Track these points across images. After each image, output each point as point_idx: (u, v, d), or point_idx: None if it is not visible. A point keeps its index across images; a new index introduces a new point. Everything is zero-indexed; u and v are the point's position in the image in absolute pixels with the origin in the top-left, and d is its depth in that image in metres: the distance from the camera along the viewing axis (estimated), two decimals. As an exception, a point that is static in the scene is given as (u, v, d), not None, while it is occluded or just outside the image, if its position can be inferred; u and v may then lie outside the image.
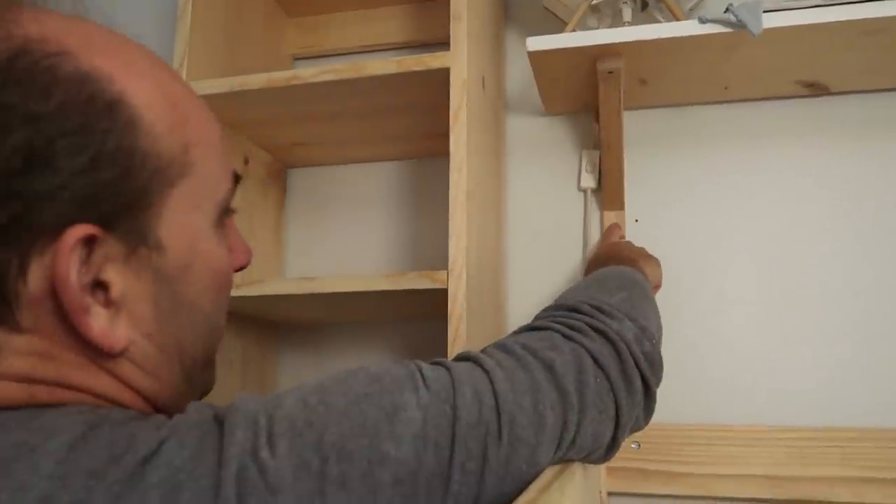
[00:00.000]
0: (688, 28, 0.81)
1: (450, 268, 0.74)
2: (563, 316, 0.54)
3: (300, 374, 1.10)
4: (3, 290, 0.35)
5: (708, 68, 0.90)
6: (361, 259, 1.11)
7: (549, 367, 0.46)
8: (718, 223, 0.99)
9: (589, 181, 1.03)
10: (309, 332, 1.12)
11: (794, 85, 0.96)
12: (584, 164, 1.04)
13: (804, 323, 0.94)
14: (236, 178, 0.48)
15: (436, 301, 0.76)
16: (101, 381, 0.39)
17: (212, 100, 0.86)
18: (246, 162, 1.01)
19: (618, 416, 0.50)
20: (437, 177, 1.10)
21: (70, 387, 0.38)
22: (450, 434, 0.39)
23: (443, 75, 0.78)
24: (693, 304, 0.98)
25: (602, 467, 0.93)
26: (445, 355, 0.72)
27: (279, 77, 0.83)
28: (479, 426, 0.40)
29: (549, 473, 0.48)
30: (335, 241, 1.13)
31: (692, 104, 1.02)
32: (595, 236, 1.03)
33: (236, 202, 0.99)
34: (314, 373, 1.09)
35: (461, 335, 0.72)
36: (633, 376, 0.52)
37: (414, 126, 0.97)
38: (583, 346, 0.50)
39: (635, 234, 1.01)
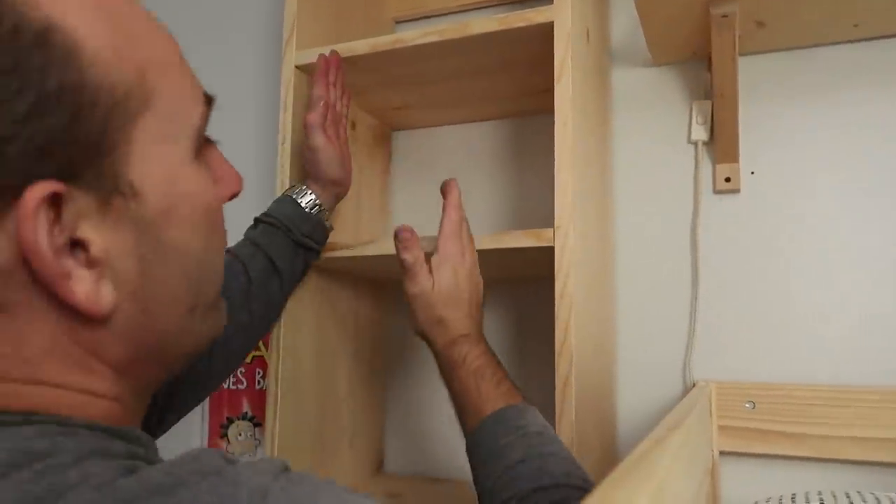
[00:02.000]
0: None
1: (556, 225, 0.74)
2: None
3: (408, 332, 1.14)
4: None
5: (835, 4, 0.84)
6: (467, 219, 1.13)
7: None
8: (843, 175, 0.93)
9: (700, 133, 0.99)
10: (416, 290, 1.15)
11: (935, 18, 0.87)
12: (694, 115, 1.00)
13: (942, 278, 0.88)
14: (208, 100, 0.42)
15: (542, 260, 0.77)
16: (75, 369, 0.36)
17: (320, 67, 0.89)
18: (353, 126, 1.04)
19: None
20: (541, 134, 1.09)
21: (41, 382, 0.35)
22: None
23: (546, 30, 0.77)
24: (816, 262, 0.93)
25: (714, 426, 0.91)
26: (553, 315, 0.72)
27: (383, 41, 0.85)
28: None
29: (659, 430, 0.49)
30: (440, 201, 1.15)
31: (816, 45, 0.95)
32: (707, 191, 0.99)
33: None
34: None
35: (568, 293, 0.72)
36: None
37: (517, 83, 0.96)
38: None
39: (751, 188, 0.97)
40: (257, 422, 1.16)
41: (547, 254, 0.75)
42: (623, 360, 1.00)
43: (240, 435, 1.17)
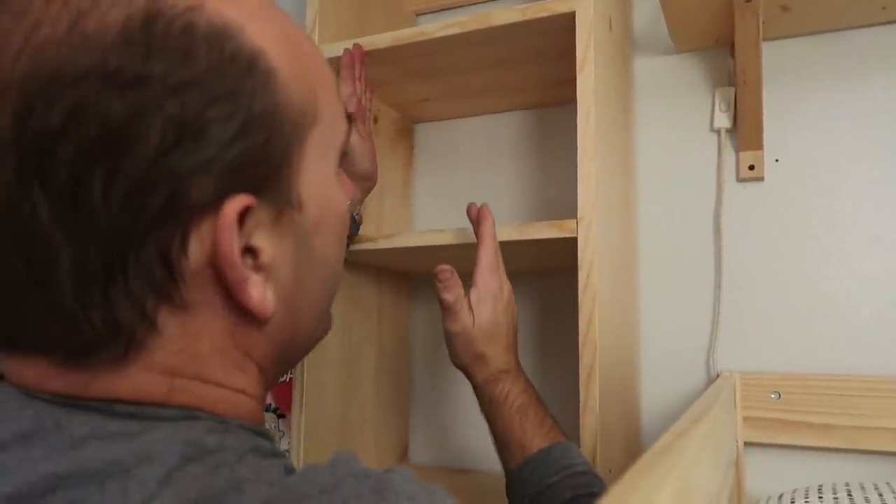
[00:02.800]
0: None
1: (579, 216, 0.74)
2: None
3: (433, 325, 1.15)
4: (169, 266, 0.34)
5: (862, -12, 0.82)
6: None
7: None
8: (869, 162, 0.91)
9: (723, 121, 0.98)
10: (439, 282, 1.16)
11: (967, -1, 0.85)
12: (717, 102, 0.99)
13: (974, 266, 0.86)
14: (350, 118, 0.45)
15: (565, 251, 0.77)
16: (232, 369, 0.38)
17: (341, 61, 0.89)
18: (375, 120, 1.05)
19: None
20: (563, 125, 1.08)
21: (207, 381, 0.37)
22: None
23: (568, 20, 0.77)
24: (842, 249, 0.92)
25: (739, 416, 0.91)
26: (576, 306, 0.72)
27: (405, 34, 0.85)
28: None
29: (683, 421, 0.49)
30: (462, 193, 1.15)
31: (842, 29, 0.94)
32: (730, 179, 0.98)
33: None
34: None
35: (592, 283, 0.72)
36: None
37: (539, 74, 0.96)
38: None
39: (776, 176, 0.95)
40: (281, 413, 1.17)
41: (570, 245, 0.75)
42: (646, 351, 1.00)
43: (266, 425, 1.18)
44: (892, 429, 0.85)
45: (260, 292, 0.37)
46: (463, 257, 0.94)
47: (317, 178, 0.40)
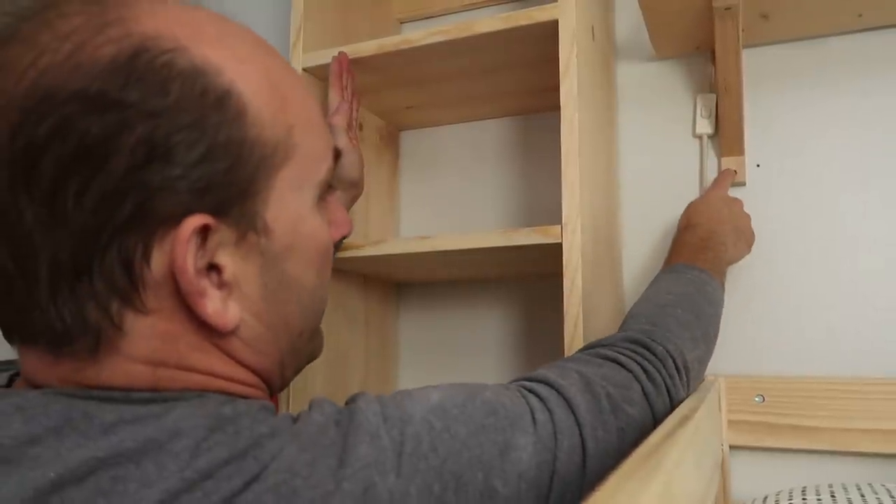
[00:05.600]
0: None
1: (563, 222, 0.75)
2: (647, 361, 0.54)
3: (420, 331, 1.15)
4: (131, 273, 0.37)
5: (839, -5, 0.84)
6: (474, 217, 1.13)
7: (622, 430, 0.48)
8: (850, 166, 0.93)
9: (705, 127, 0.99)
10: (427, 290, 1.16)
11: (941, 7, 0.87)
12: (699, 109, 1.00)
13: (951, 269, 0.87)
14: (337, 155, 0.49)
15: (550, 258, 0.77)
16: (217, 362, 0.42)
17: (326, 69, 0.89)
18: (360, 128, 1.05)
19: None
20: (547, 131, 1.09)
21: (191, 369, 0.40)
22: (548, 482, 0.41)
23: (551, 28, 0.77)
24: (824, 253, 0.93)
25: (723, 420, 0.91)
26: (561, 313, 0.73)
27: (390, 42, 0.85)
28: (570, 483, 0.42)
29: (668, 424, 0.49)
30: (448, 200, 1.16)
31: (820, 37, 0.95)
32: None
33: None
34: (433, 331, 1.14)
35: (577, 289, 0.73)
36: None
37: (523, 81, 0.97)
38: (652, 409, 0.52)
39: (757, 181, 0.97)
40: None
41: (555, 250, 0.76)
42: (632, 355, 1.00)
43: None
44: (875, 430, 0.86)
45: (217, 305, 0.40)
46: (449, 263, 0.95)
47: (288, 208, 0.43)
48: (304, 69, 0.90)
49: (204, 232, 0.39)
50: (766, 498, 0.79)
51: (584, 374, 0.49)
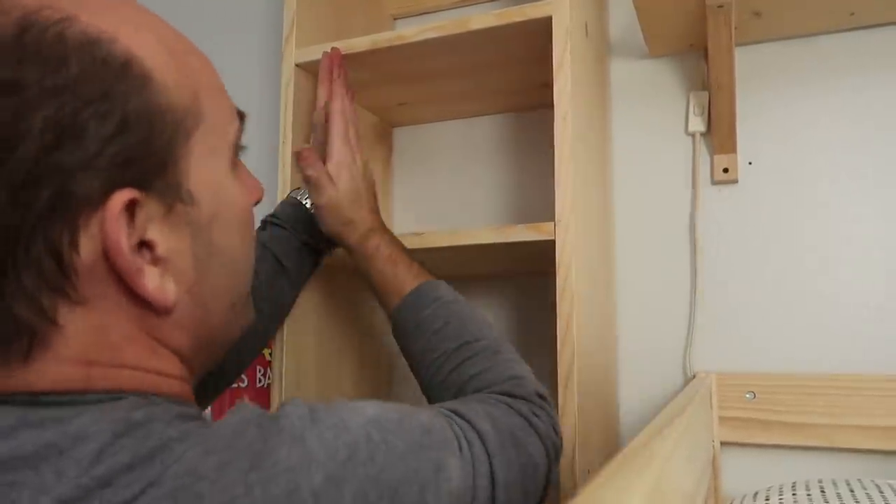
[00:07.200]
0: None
1: (556, 219, 0.75)
2: (532, 403, 0.57)
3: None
4: (60, 263, 0.36)
5: (831, -6, 0.84)
6: (468, 214, 1.13)
7: (524, 466, 0.50)
8: (842, 163, 0.93)
9: (697, 124, 0.99)
10: (418, 285, 1.16)
11: (932, 6, 0.87)
12: (691, 106, 1.00)
13: (941, 266, 0.88)
14: (241, 116, 0.49)
15: (543, 255, 0.77)
16: (149, 355, 0.41)
17: (319, 65, 0.89)
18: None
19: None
20: (541, 128, 1.09)
21: (123, 365, 0.39)
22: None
23: (544, 24, 0.77)
24: (815, 251, 0.93)
25: (715, 416, 0.92)
26: (553, 310, 0.73)
27: (383, 38, 0.85)
28: None
29: (658, 420, 0.49)
30: (442, 197, 1.15)
31: (812, 35, 0.95)
32: (705, 182, 0.99)
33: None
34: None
35: (570, 286, 0.73)
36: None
37: (517, 78, 0.97)
38: (546, 449, 0.54)
39: (749, 178, 0.97)
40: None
41: (548, 247, 0.76)
42: (624, 353, 1.01)
43: (245, 431, 1.17)
44: (865, 426, 0.86)
45: (156, 283, 0.39)
46: (442, 260, 0.95)
47: (207, 174, 0.43)
48: (297, 65, 0.89)
49: (131, 207, 0.37)
50: (756, 494, 0.79)
51: (489, 412, 0.51)
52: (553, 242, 0.75)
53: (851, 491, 0.72)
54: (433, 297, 0.68)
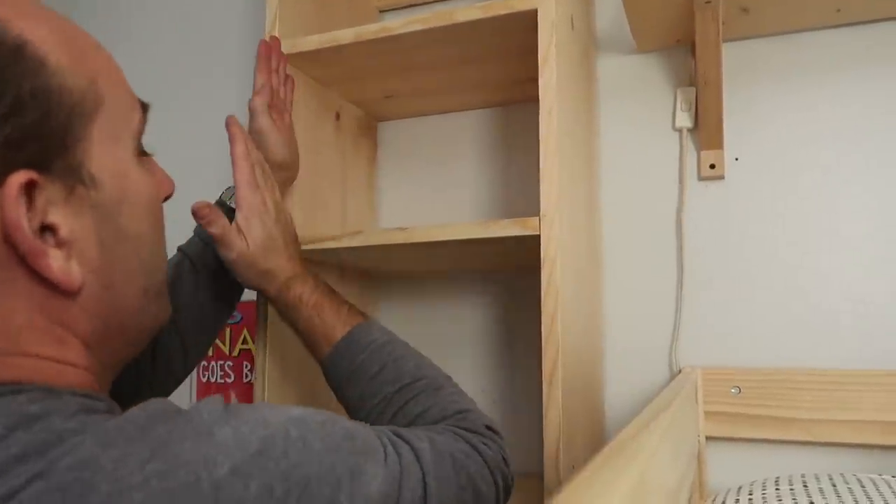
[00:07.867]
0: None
1: (542, 213, 0.74)
2: (484, 439, 0.56)
3: (398, 324, 1.14)
4: None
5: (817, -10, 0.84)
6: (453, 209, 1.13)
7: (463, 489, 0.50)
8: (828, 159, 0.94)
9: (684, 120, 0.99)
10: (406, 283, 1.15)
11: (917, 3, 0.87)
12: (678, 102, 1.00)
13: (924, 262, 0.88)
14: (144, 108, 0.49)
15: (529, 249, 0.77)
16: (52, 342, 0.41)
17: (302, 57, 0.88)
18: (337, 117, 1.04)
19: None
20: (526, 122, 1.09)
21: (25, 354, 0.39)
22: None
23: (530, 17, 0.77)
24: (801, 245, 0.94)
25: (700, 411, 0.92)
26: (539, 304, 0.72)
27: (368, 30, 0.84)
28: None
29: (644, 415, 0.49)
30: (427, 191, 1.15)
31: (799, 31, 0.96)
32: (691, 178, 0.99)
33: (330, 155, 1.02)
34: (411, 323, 1.13)
35: (555, 281, 0.72)
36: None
37: (502, 72, 0.96)
38: (494, 479, 0.54)
39: (736, 174, 0.97)
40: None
41: (533, 242, 0.75)
42: (609, 348, 1.01)
43: (229, 428, 1.16)
44: (849, 421, 0.86)
45: (61, 265, 0.39)
46: (427, 255, 0.94)
47: (110, 159, 0.43)
48: (281, 57, 0.88)
49: (30, 189, 0.38)
50: (740, 488, 0.79)
51: (430, 436, 0.51)
52: (538, 237, 0.74)
53: (834, 486, 0.73)
54: (366, 342, 0.66)
